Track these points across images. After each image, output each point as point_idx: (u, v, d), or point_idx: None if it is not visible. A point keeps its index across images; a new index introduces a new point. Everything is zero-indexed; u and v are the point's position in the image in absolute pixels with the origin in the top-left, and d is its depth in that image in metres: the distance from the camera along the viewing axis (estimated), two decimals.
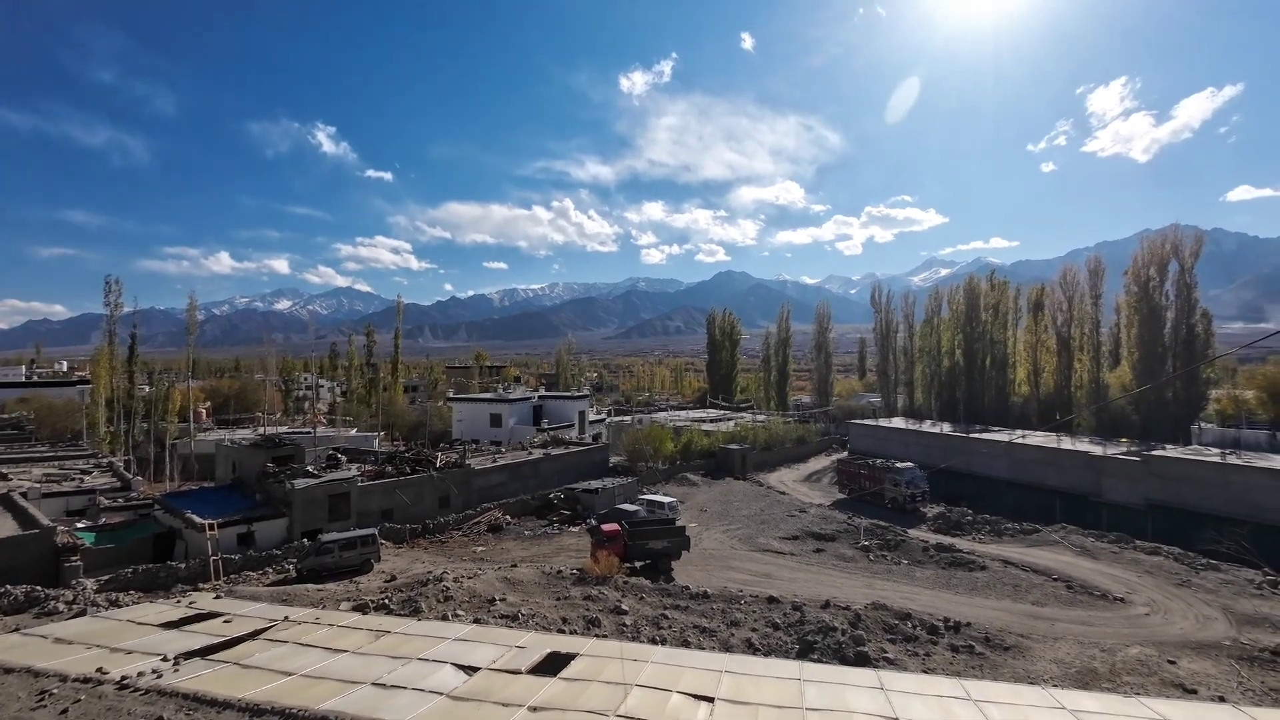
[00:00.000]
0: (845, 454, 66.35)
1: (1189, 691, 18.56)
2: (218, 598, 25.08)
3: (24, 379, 78.67)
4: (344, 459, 42.44)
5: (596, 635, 21.19)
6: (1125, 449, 47.46)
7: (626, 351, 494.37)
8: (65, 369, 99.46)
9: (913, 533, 40.99)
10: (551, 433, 64.70)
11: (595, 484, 46.55)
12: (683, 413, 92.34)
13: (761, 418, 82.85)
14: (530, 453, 53.37)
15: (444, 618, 22.07)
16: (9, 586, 23.72)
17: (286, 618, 21.68)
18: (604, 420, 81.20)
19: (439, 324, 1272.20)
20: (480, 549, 36.09)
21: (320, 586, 26.94)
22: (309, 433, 59.78)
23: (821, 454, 72.33)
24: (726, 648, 20.79)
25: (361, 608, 23.31)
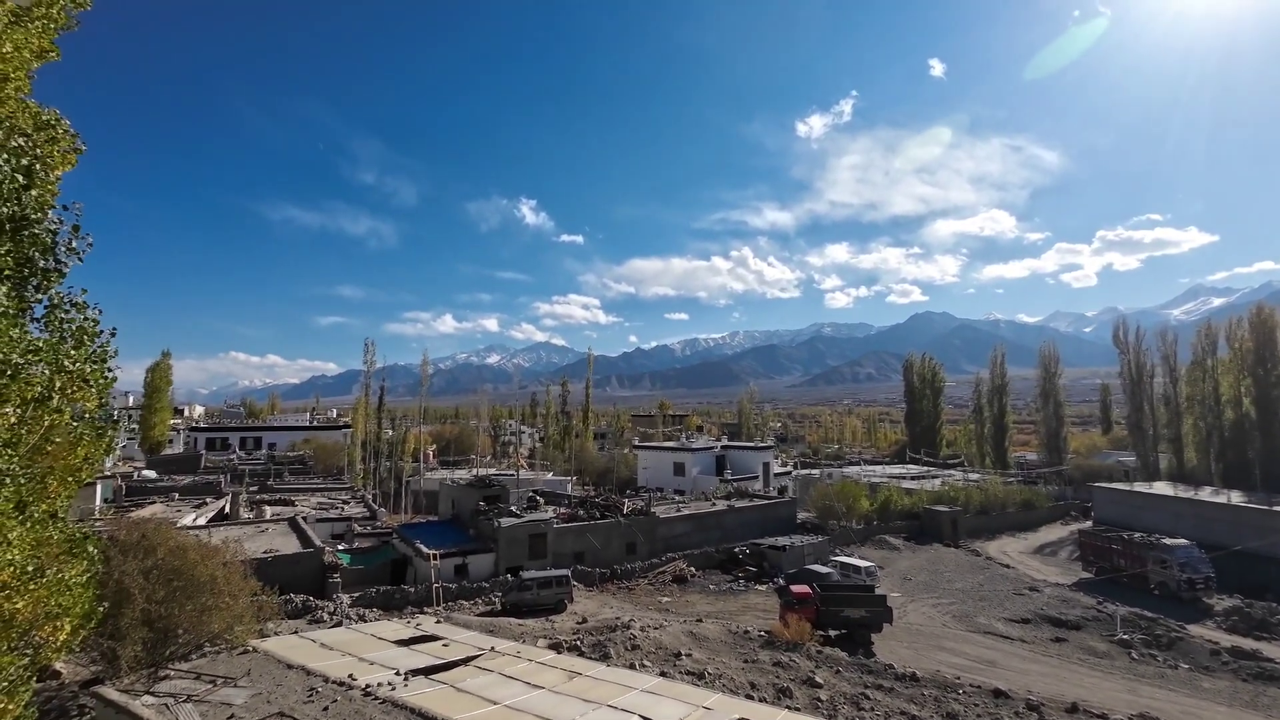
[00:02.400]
0: (1089, 524, 55.53)
1: None
2: (438, 622, 27.93)
3: (308, 424, 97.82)
4: (542, 501, 45.67)
5: (788, 707, 19.62)
6: None
7: (812, 400, 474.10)
8: (334, 416, 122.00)
9: (1193, 629, 32.53)
10: (735, 484, 63.48)
11: (783, 541, 44.29)
12: (878, 467, 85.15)
13: (974, 476, 73.16)
14: (714, 504, 52.70)
15: (631, 666, 22.09)
16: (291, 595, 28.80)
17: (493, 648, 23.33)
18: (790, 473, 77.87)
19: (625, 374, 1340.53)
20: (665, 599, 35.98)
21: (520, 621, 28.73)
22: (513, 475, 65.68)
23: (1055, 522, 61.46)
24: None
25: (556, 646, 24.30)
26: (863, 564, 39.21)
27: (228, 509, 44.68)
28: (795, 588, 30.42)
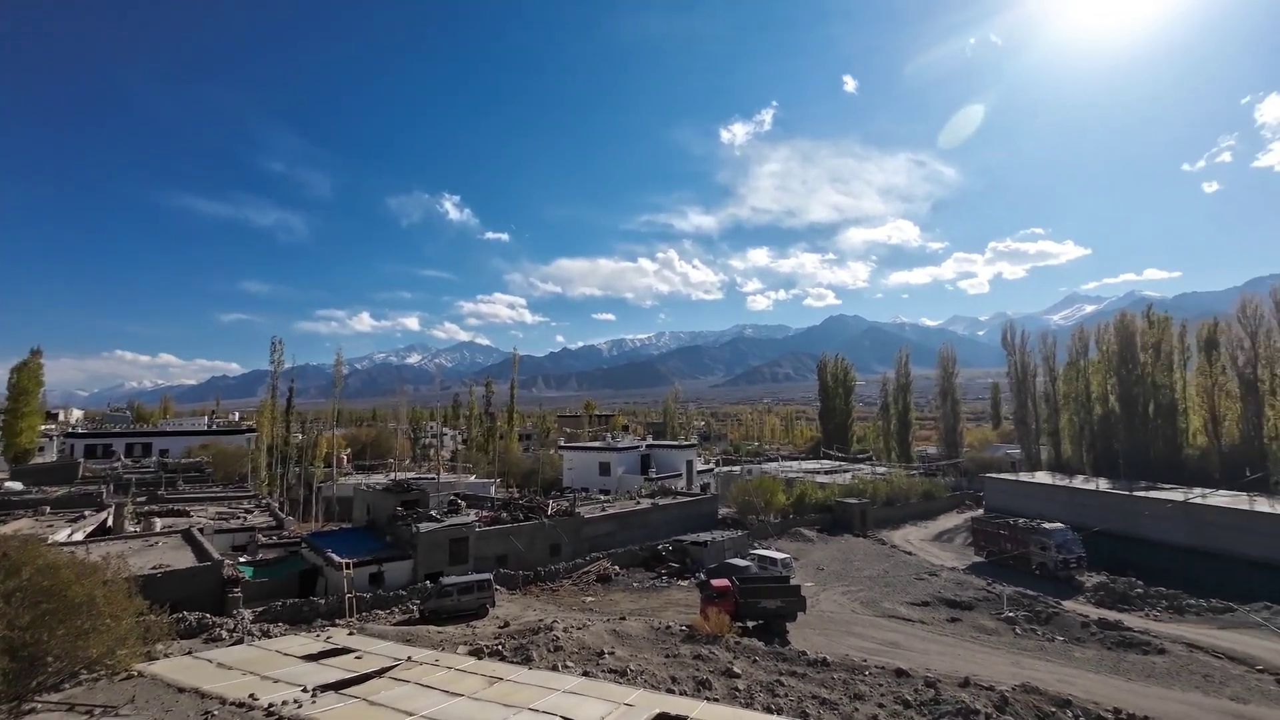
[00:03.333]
0: (981, 512, 60.31)
1: None
2: (351, 634, 26.75)
3: (206, 428, 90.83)
4: (463, 504, 44.62)
5: (707, 698, 20.20)
6: None
7: (734, 399, 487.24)
8: (237, 419, 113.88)
9: (1067, 604, 35.98)
10: (659, 482, 64.40)
11: (705, 536, 45.43)
12: (795, 463, 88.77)
13: (882, 470, 77.66)
14: (638, 502, 53.30)
15: (554, 668, 22.05)
16: (185, 613, 26.72)
17: (410, 658, 22.63)
18: (712, 470, 79.80)
19: (552, 374, 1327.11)
20: (589, 599, 36.07)
21: (440, 628, 28.00)
22: (433, 479, 63.74)
23: (952, 511, 66.24)
24: None
25: (477, 652, 23.87)
26: (779, 556, 40.79)
27: (110, 522, 40.81)
28: (715, 582, 31.29)
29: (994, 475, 67.25)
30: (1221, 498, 46.02)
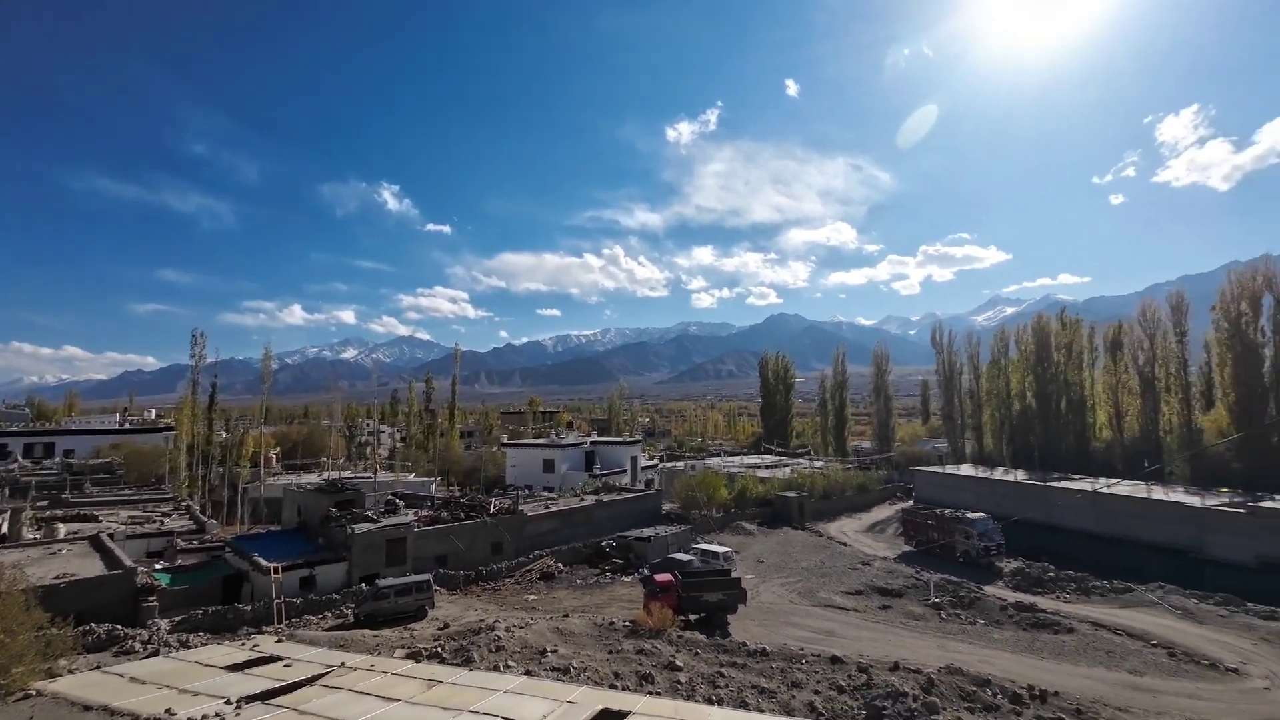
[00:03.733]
0: (910, 503, 63.14)
1: None
2: (279, 641, 25.56)
3: (117, 426, 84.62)
4: (401, 504, 43.33)
5: (650, 692, 20.38)
6: (1229, 500, 43.32)
7: (678, 396, 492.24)
8: (153, 416, 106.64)
9: (988, 589, 38.19)
10: (604, 479, 64.40)
11: (648, 532, 45.73)
12: (736, 458, 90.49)
13: (819, 464, 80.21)
14: (582, 499, 53.13)
15: (495, 668, 21.74)
16: (93, 625, 24.85)
17: (343, 664, 21.82)
18: (656, 466, 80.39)
19: (494, 370, 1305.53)
20: (532, 597, 35.74)
21: (376, 632, 27.11)
22: (370, 477, 61.57)
23: (885, 503, 69.10)
24: (787, 711, 19.56)
25: (415, 655, 23.26)
26: (721, 550, 41.54)
27: (5, 529, 37.49)
28: (659, 576, 31.57)
29: (923, 468, 70.57)
30: (1124, 487, 49.84)
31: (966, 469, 67.66)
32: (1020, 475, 59.98)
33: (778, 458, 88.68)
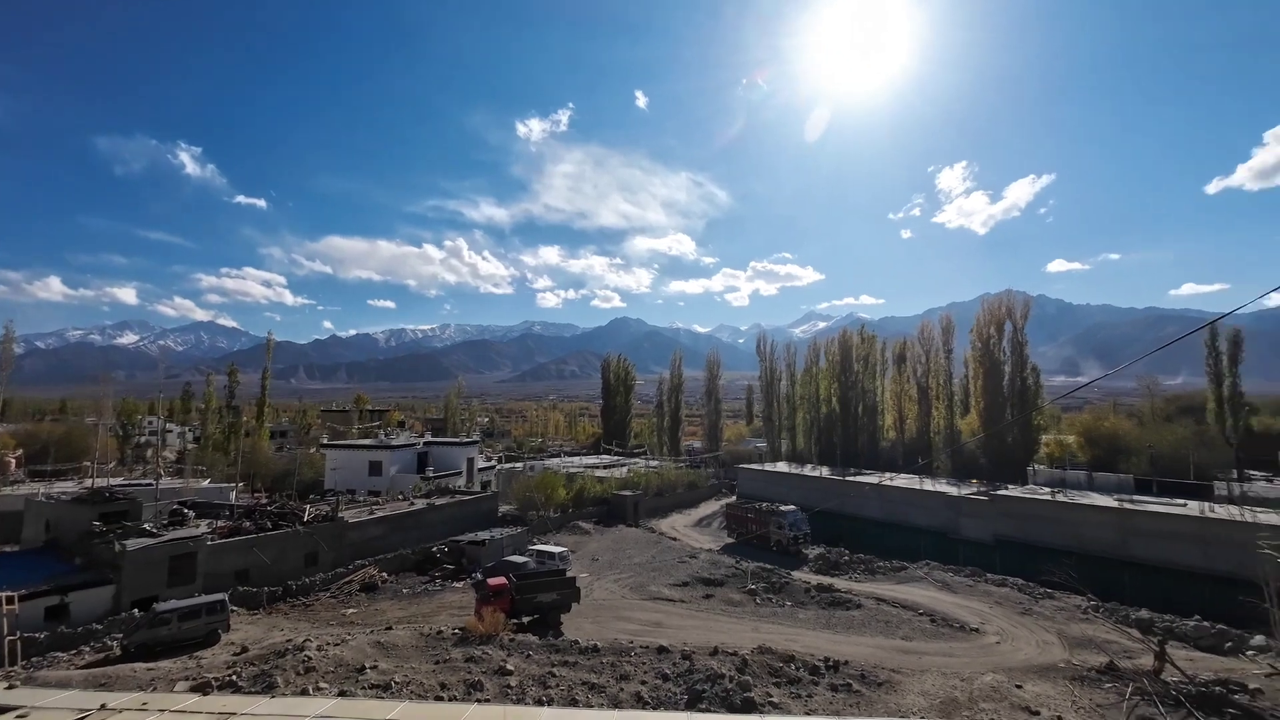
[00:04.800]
0: (734, 498, 68.21)
1: (1033, 714, 20.32)
2: (10, 687, 20.98)
3: None
4: (192, 514, 37.80)
5: (479, 700, 19.89)
6: (976, 489, 52.52)
7: (520, 396, 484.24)
8: None
9: (796, 574, 42.46)
10: (437, 481, 61.46)
11: (482, 535, 44.50)
12: (576, 459, 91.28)
13: (655, 463, 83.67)
14: (412, 503, 50.25)
15: (304, 692, 19.81)
16: None
17: (104, 705, 18.48)
18: (494, 467, 78.43)
19: (317, 364, 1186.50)
20: (351, 611, 33.05)
21: (151, 665, 23.34)
22: (150, 485, 52.74)
23: (712, 499, 73.88)
24: (616, 704, 20.22)
25: (202, 687, 20.41)
26: (557, 550, 41.69)
27: None
28: (491, 580, 30.89)
29: (745, 466, 76.73)
30: (901, 480, 58.31)
31: (782, 466, 74.78)
32: (824, 471, 67.65)
33: (616, 457, 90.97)
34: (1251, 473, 58.33)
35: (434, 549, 43.20)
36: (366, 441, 74.29)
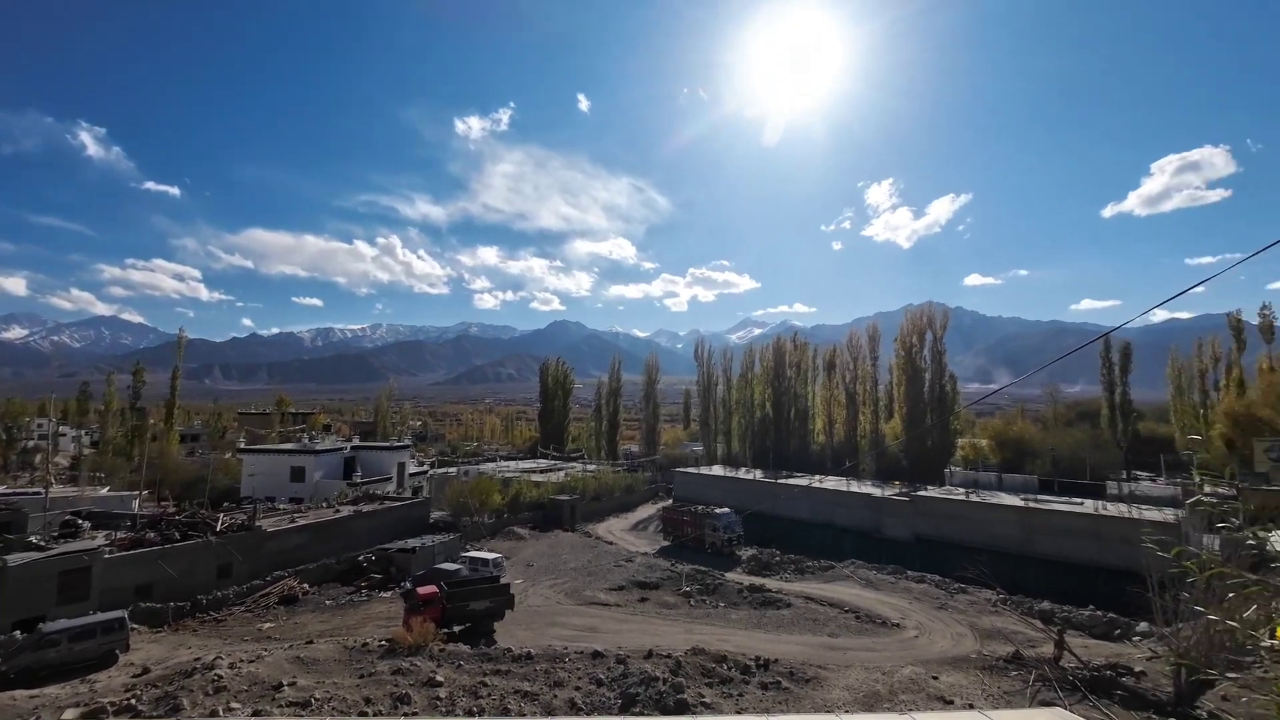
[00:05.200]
0: (670, 501, 68.85)
1: (947, 702, 21.52)
2: None
3: None
4: (87, 525, 34.86)
5: (405, 714, 19.25)
6: (898, 490, 55.14)
7: (456, 399, 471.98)
8: None
9: (729, 575, 43.24)
10: (365, 487, 59.13)
11: (413, 542, 43.10)
12: (512, 463, 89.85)
13: (592, 467, 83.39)
14: (338, 510, 48.14)
15: (213, 714, 18.60)
16: None
17: None
18: (426, 472, 76.14)
19: (235, 364, 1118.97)
20: (267, 625, 31.29)
21: (35, 691, 21.34)
22: (39, 493, 48.25)
23: (649, 502, 74.31)
24: (549, 711, 20.00)
25: (95, 713, 18.83)
26: (490, 556, 40.88)
27: None
28: (421, 589, 29.96)
29: (682, 469, 77.66)
30: (830, 481, 60.53)
31: (717, 469, 76.11)
32: (758, 474, 69.34)
33: (553, 461, 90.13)
34: (1138, 473, 63.93)
35: (360, 558, 41.51)
36: (289, 446, 70.59)
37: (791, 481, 62.10)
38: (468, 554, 41.70)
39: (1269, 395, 57.33)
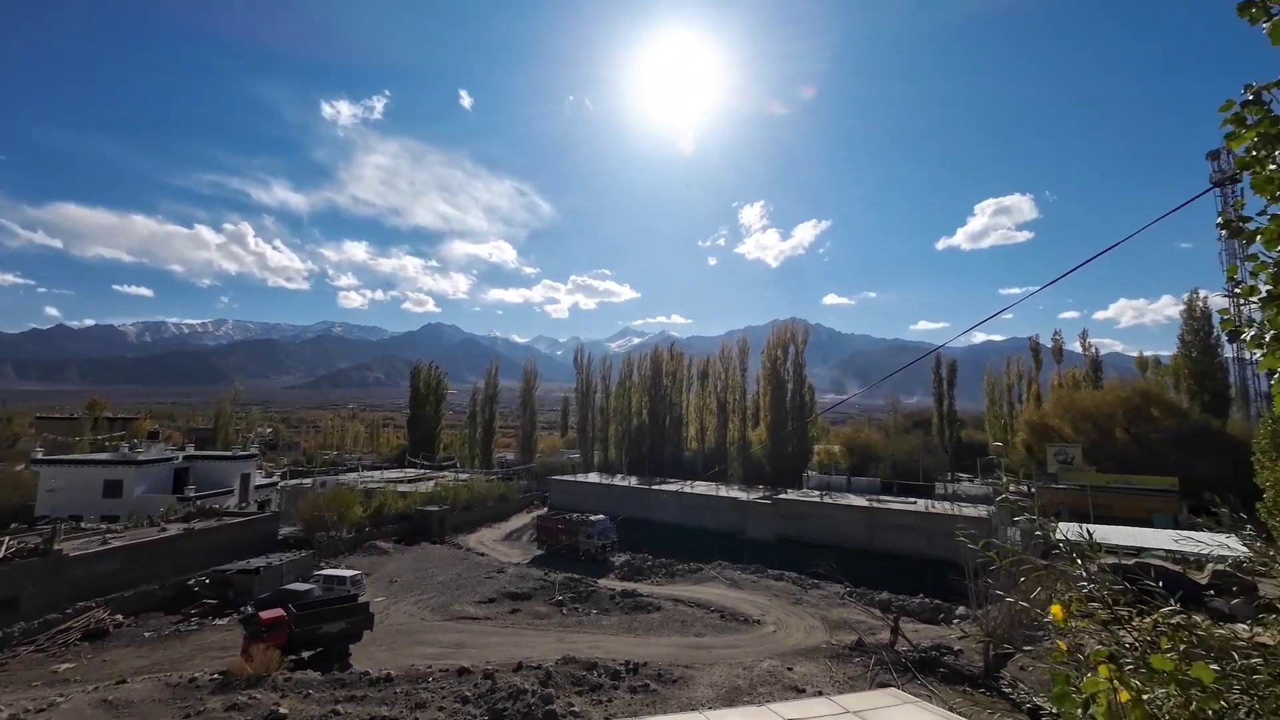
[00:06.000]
0: (545, 510, 68.09)
1: (800, 691, 23.19)
2: None
3: None
4: None
5: None
6: (761, 494, 58.60)
7: (315, 403, 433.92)
8: None
9: (602, 582, 43.53)
10: (200, 502, 52.70)
11: (257, 562, 39.07)
12: (377, 473, 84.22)
13: (465, 476, 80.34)
14: (164, 529, 42.50)
15: None
16: None
17: None
18: (276, 484, 69.33)
19: (34, 360, 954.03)
20: (66, 666, 26.89)
21: None
22: None
23: (523, 511, 72.93)
24: None
25: None
26: (348, 574, 38.07)
27: None
28: (265, 613, 27.23)
29: (558, 477, 77.11)
30: (700, 486, 63.03)
31: (594, 476, 76.45)
32: (633, 480, 70.59)
33: (422, 470, 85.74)
34: (961, 475, 72.86)
35: (191, 581, 36.93)
36: (102, 456, 61.13)
37: (664, 487, 63.83)
38: (322, 572, 38.54)
39: (1058, 407, 68.05)
